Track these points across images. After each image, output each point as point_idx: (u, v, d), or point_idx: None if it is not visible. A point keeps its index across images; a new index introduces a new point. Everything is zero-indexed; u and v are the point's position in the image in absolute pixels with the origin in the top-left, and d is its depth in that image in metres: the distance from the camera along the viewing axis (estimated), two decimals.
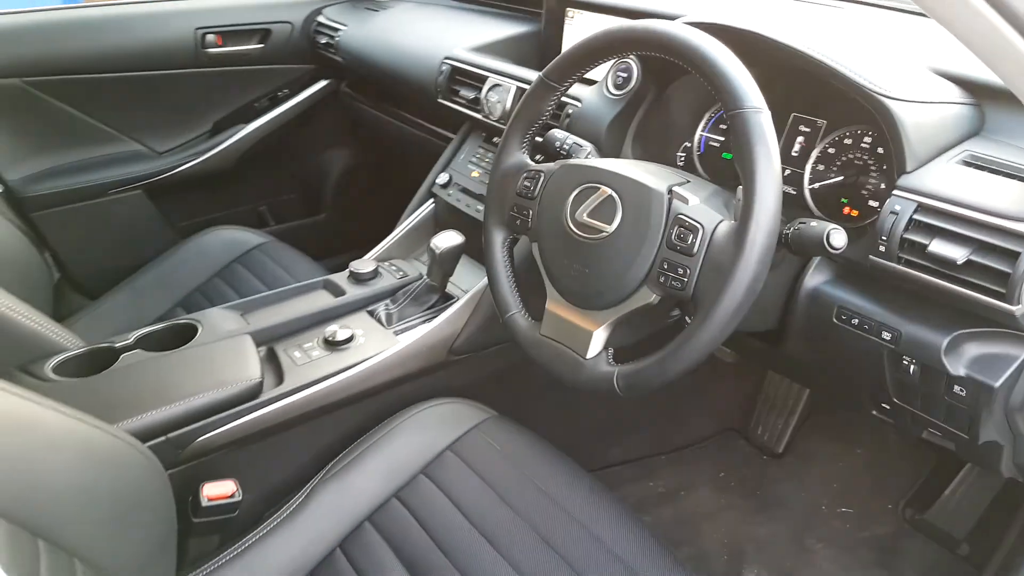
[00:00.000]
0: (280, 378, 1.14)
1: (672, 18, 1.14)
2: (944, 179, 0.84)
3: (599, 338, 0.90)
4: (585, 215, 0.90)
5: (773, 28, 0.95)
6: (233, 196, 2.14)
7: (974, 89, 0.93)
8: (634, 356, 0.90)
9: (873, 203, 1.00)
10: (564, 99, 1.28)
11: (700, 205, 0.84)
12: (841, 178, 1.02)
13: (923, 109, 0.88)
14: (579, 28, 1.47)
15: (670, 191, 0.86)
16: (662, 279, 0.83)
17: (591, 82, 1.23)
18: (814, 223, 0.83)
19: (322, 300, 1.33)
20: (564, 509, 1.00)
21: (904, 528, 1.45)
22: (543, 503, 1.01)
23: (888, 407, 1.01)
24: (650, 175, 0.89)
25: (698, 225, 0.81)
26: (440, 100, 1.52)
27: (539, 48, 1.56)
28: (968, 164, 0.86)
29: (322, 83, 2.07)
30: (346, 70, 1.97)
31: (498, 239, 1.04)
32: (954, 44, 0.91)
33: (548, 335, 0.95)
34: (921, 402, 0.92)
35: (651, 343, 0.92)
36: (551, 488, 1.03)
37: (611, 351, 0.91)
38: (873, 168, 1.00)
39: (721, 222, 0.82)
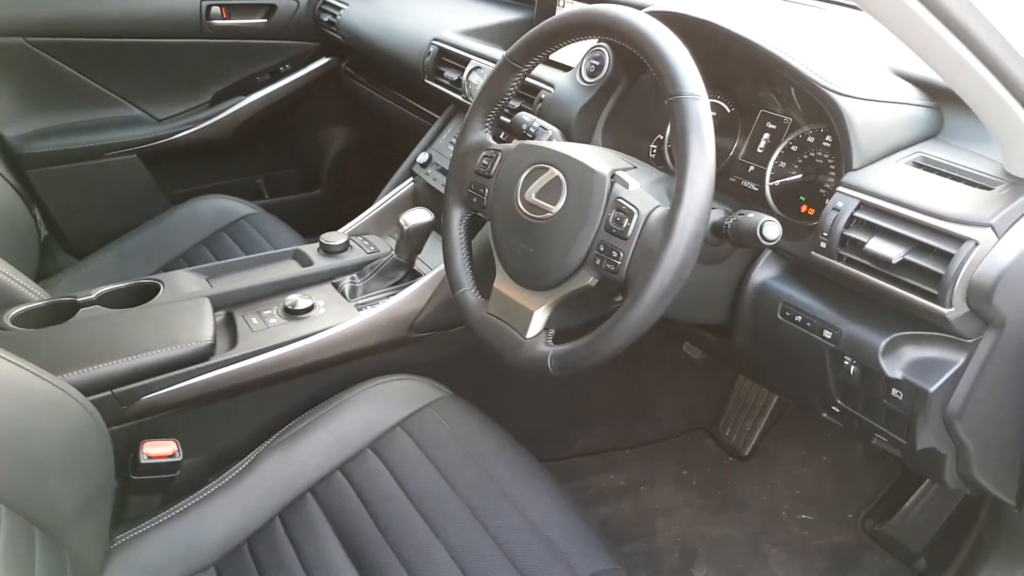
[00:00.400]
0: (234, 342, 1.15)
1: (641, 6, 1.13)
2: (889, 178, 0.83)
3: (539, 319, 0.90)
4: (533, 195, 0.90)
5: (730, 20, 0.95)
6: (230, 167, 2.16)
7: (935, 92, 0.92)
8: (573, 339, 0.90)
9: (829, 201, 0.99)
10: (538, 84, 1.28)
11: (640, 190, 0.84)
12: (800, 176, 1.01)
13: (875, 108, 0.87)
14: None
15: (613, 175, 0.86)
16: (598, 261, 0.84)
17: (567, 68, 1.23)
18: (751, 214, 0.82)
19: (289, 269, 1.34)
20: (503, 491, 1.00)
21: (863, 539, 1.43)
22: (483, 484, 1.02)
23: (837, 410, 1.00)
24: (597, 158, 0.89)
25: (634, 209, 0.81)
26: (427, 81, 1.52)
27: None
28: (918, 165, 0.85)
29: (324, 60, 2.08)
30: (347, 49, 1.99)
31: (456, 216, 1.05)
32: None
33: (493, 313, 0.96)
34: (863, 405, 0.92)
35: (593, 327, 0.93)
36: (494, 470, 1.03)
37: (551, 332, 0.91)
38: (832, 167, 0.99)
39: (656, 207, 0.82)
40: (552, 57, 1.46)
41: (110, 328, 1.12)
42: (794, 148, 1.03)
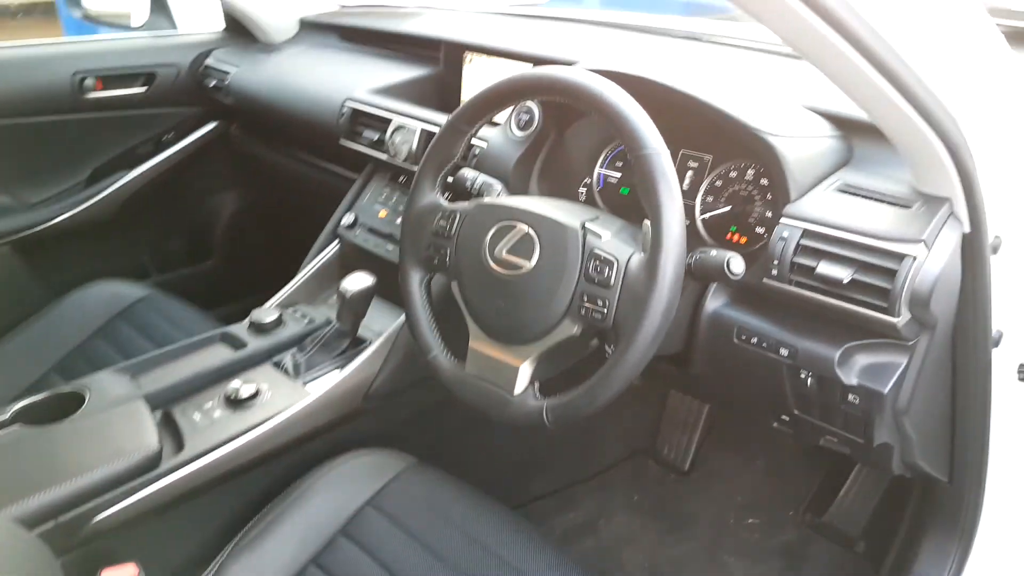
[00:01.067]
0: (180, 444, 1.07)
1: (567, 63, 1.19)
2: (824, 206, 0.91)
3: (525, 373, 0.91)
4: (504, 252, 0.92)
5: (664, 74, 1.02)
6: (113, 247, 2.01)
7: (842, 123, 1.02)
8: (559, 388, 0.92)
9: (759, 230, 1.07)
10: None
11: (612, 239, 0.88)
12: (729, 208, 1.09)
13: (801, 143, 0.95)
14: (478, 71, 1.50)
15: (583, 227, 0.89)
16: (583, 311, 0.86)
17: (495, 123, 1.26)
18: (713, 252, 0.88)
19: (221, 354, 1.27)
20: (493, 553, 0.99)
21: (806, 532, 1.54)
22: (468, 546, 1.00)
23: (787, 418, 1.07)
24: (563, 212, 0.92)
25: (613, 259, 0.85)
26: (343, 141, 1.51)
27: (438, 91, 1.58)
28: (843, 191, 0.94)
29: (210, 125, 2.00)
30: (237, 112, 1.92)
31: (415, 279, 1.04)
32: (818, 82, 1.01)
33: (473, 373, 0.96)
34: (819, 411, 0.99)
35: (572, 374, 0.95)
36: (478, 532, 1.03)
37: (537, 385, 0.93)
38: (757, 198, 1.07)
39: (633, 254, 0.86)
40: None
41: (40, 449, 1.01)
42: (718, 183, 1.11)
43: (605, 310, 0.85)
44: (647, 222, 0.89)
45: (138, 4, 2.07)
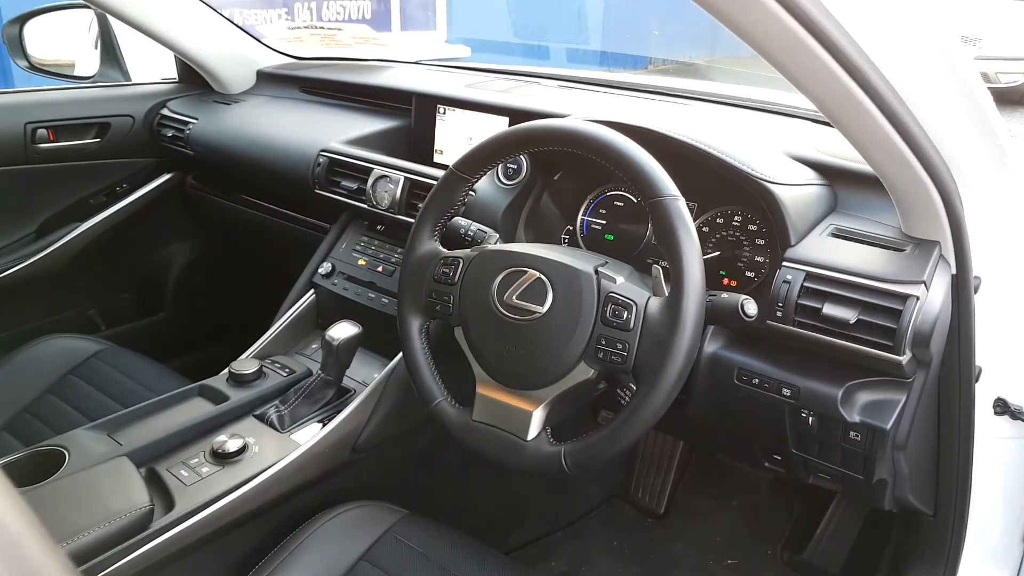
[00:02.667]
0: (170, 502, 1.02)
1: (549, 115, 1.23)
2: (823, 250, 0.96)
3: (538, 418, 0.91)
4: (515, 297, 0.92)
5: (663, 124, 1.06)
6: (61, 301, 1.92)
7: (824, 171, 1.08)
8: (570, 433, 0.92)
9: (749, 273, 1.12)
10: None
11: (626, 283, 0.90)
12: (718, 253, 1.14)
13: (795, 191, 1.01)
14: (451, 124, 1.53)
15: (596, 271, 0.91)
16: (601, 355, 0.87)
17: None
18: (725, 295, 0.91)
19: (201, 408, 1.22)
20: None
21: (786, 571, 1.56)
22: None
23: (780, 457, 1.10)
24: (573, 258, 0.94)
25: (631, 302, 0.87)
26: (318, 191, 1.49)
27: (410, 142, 1.59)
28: (836, 235, 0.99)
29: (165, 176, 1.95)
30: (193, 163, 1.88)
31: (415, 326, 1.03)
32: (786, 132, 1.07)
33: (482, 420, 0.95)
34: (818, 449, 1.02)
35: (578, 418, 0.95)
36: None
37: (549, 430, 0.92)
38: (746, 243, 1.12)
39: (650, 298, 0.88)
40: (437, 160, 1.54)
41: None
42: (705, 229, 1.15)
43: (625, 353, 0.86)
44: (656, 267, 0.92)
45: (85, 55, 2.03)
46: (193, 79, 1.96)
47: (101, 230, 1.87)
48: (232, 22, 1.90)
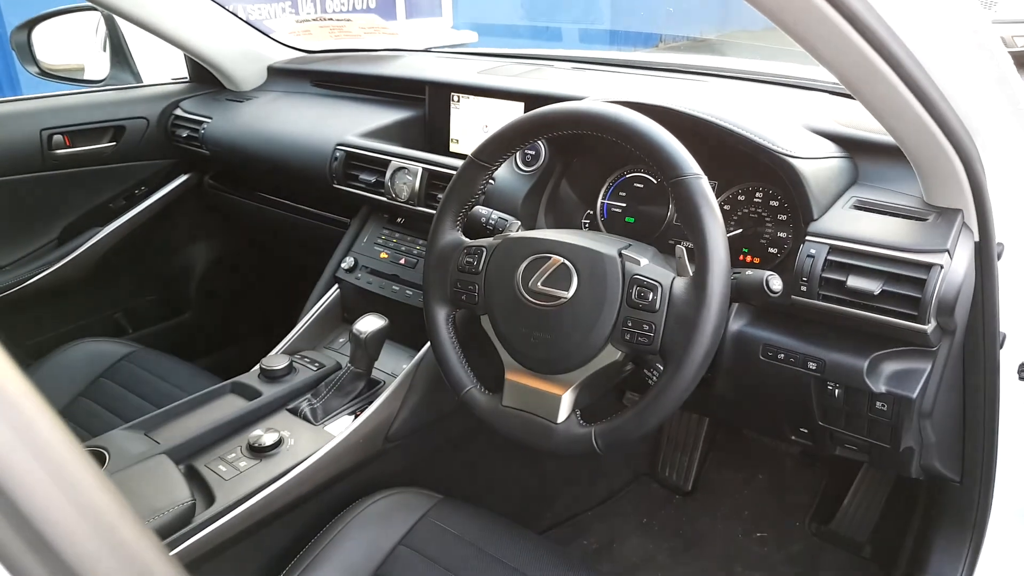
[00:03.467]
0: (210, 497, 1.05)
1: (568, 99, 1.23)
2: (845, 223, 0.96)
3: (567, 401, 0.92)
4: (540, 284, 0.94)
5: (682, 102, 1.06)
6: (87, 306, 1.95)
7: (845, 144, 1.08)
8: (599, 414, 0.93)
9: (772, 250, 1.12)
10: None
11: (650, 265, 0.91)
12: (740, 231, 1.14)
13: (817, 164, 1.01)
14: (466, 112, 1.53)
15: (620, 254, 0.91)
16: (627, 336, 0.88)
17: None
18: (749, 272, 0.91)
19: (235, 405, 1.25)
20: None
21: (814, 541, 1.57)
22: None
23: (806, 430, 1.11)
24: (596, 241, 0.95)
25: (656, 283, 0.87)
26: (336, 186, 1.50)
27: (425, 132, 1.60)
28: (858, 208, 0.99)
29: (183, 177, 1.96)
30: (210, 162, 1.90)
31: (441, 316, 1.05)
32: (805, 105, 1.06)
33: (512, 405, 0.96)
34: (845, 421, 1.03)
35: (606, 399, 0.96)
36: (514, 560, 1.03)
37: (578, 412, 0.94)
38: (768, 220, 1.12)
39: (674, 278, 0.88)
40: (453, 149, 1.55)
41: None
42: (727, 207, 1.16)
43: (652, 334, 0.87)
44: (680, 247, 0.93)
45: (94, 58, 2.05)
46: (204, 78, 1.97)
47: (122, 234, 1.89)
48: (240, 18, 1.91)
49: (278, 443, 1.14)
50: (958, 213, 0.91)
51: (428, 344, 1.23)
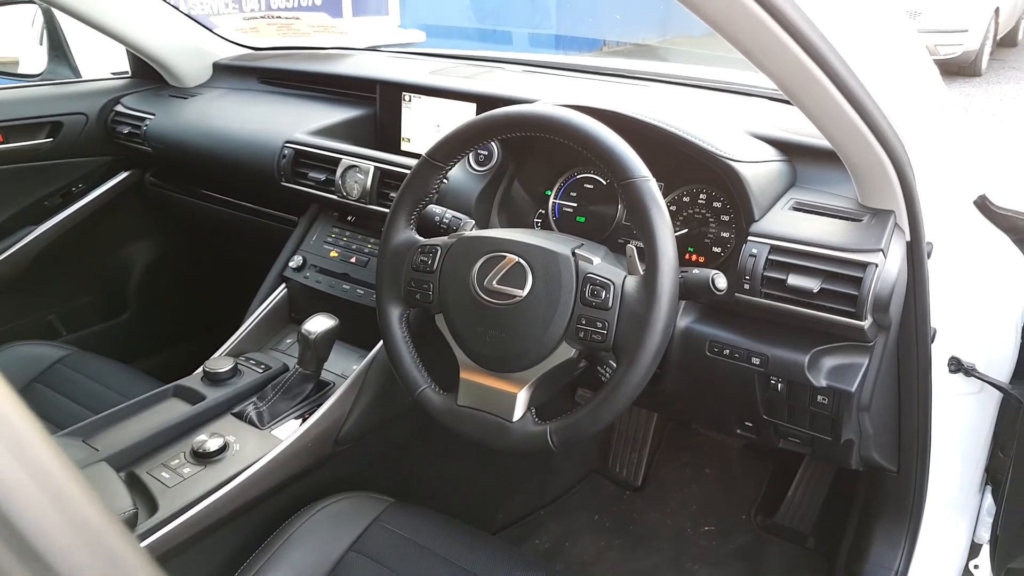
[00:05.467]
0: (154, 505, 1.02)
1: (516, 101, 1.24)
2: (785, 223, 0.99)
3: (523, 399, 0.93)
4: (495, 282, 0.94)
5: (630, 107, 1.08)
6: (17, 307, 1.87)
7: (784, 148, 1.11)
8: (554, 412, 0.94)
9: (716, 249, 1.15)
10: None
11: (603, 264, 0.92)
12: (686, 230, 1.17)
13: (757, 167, 1.04)
14: (418, 111, 1.52)
15: (574, 253, 0.93)
16: (581, 334, 0.89)
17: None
18: (696, 271, 0.93)
19: (178, 409, 1.21)
20: None
21: (760, 534, 1.62)
22: None
23: (751, 424, 1.14)
24: (550, 240, 0.96)
25: (609, 282, 0.89)
26: (284, 183, 1.48)
27: (377, 130, 1.59)
28: (797, 209, 1.02)
29: (123, 174, 1.90)
30: (152, 159, 1.85)
31: (395, 315, 1.04)
32: (744, 110, 1.09)
33: (467, 404, 0.97)
34: (788, 415, 1.06)
35: (559, 397, 0.97)
36: (466, 562, 1.03)
37: (533, 410, 0.94)
38: (712, 220, 1.15)
39: (626, 276, 0.90)
40: (404, 148, 1.54)
41: None
42: (673, 208, 1.18)
43: (605, 331, 0.88)
44: (630, 246, 0.94)
45: (29, 50, 1.97)
46: (147, 73, 1.92)
47: (58, 232, 1.83)
48: (184, 13, 1.86)
49: (223, 448, 1.12)
50: (891, 214, 0.95)
51: (380, 344, 1.22)
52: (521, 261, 0.94)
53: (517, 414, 0.93)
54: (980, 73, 7.33)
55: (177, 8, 1.82)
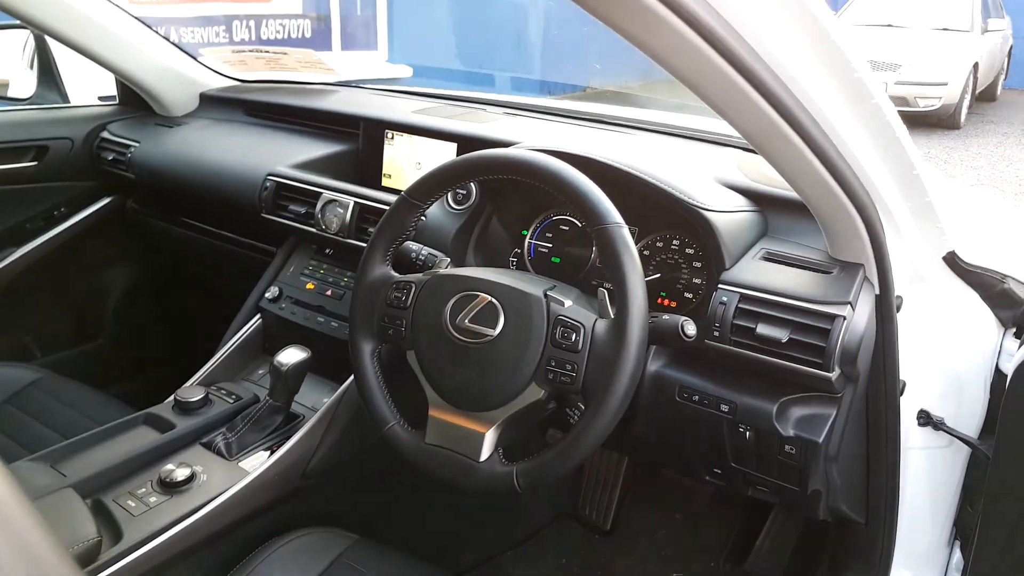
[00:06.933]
0: (118, 533, 1.01)
1: (498, 143, 1.27)
2: (756, 273, 1.02)
3: (490, 439, 0.94)
4: (467, 321, 0.95)
5: (606, 154, 1.11)
6: None
7: (756, 198, 1.14)
8: (522, 453, 0.94)
9: (688, 295, 1.17)
10: None
11: (574, 306, 0.94)
12: (659, 275, 1.19)
13: (728, 217, 1.07)
14: (400, 149, 1.55)
15: (546, 295, 0.94)
16: (551, 376, 0.90)
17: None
18: (666, 316, 0.95)
19: (147, 437, 1.21)
20: None
21: None
22: None
23: (720, 471, 1.15)
24: (523, 281, 0.97)
25: (579, 324, 0.90)
26: (265, 215, 1.49)
27: (358, 166, 1.61)
28: (768, 260, 1.05)
29: (105, 200, 1.91)
30: (134, 186, 1.85)
31: (367, 350, 1.05)
32: (716, 160, 1.12)
33: (434, 443, 0.97)
34: (756, 463, 1.07)
35: (529, 435, 0.98)
36: None
37: (501, 450, 0.95)
38: (684, 266, 1.17)
39: (596, 320, 0.92)
40: (385, 183, 1.56)
41: None
42: (646, 253, 1.20)
43: (574, 374, 0.89)
44: (602, 290, 0.96)
45: (19, 74, 1.98)
46: (134, 101, 1.93)
47: (37, 255, 1.83)
48: (173, 43, 1.89)
49: (190, 478, 1.11)
50: (860, 268, 0.97)
51: (351, 378, 1.23)
52: (493, 300, 0.95)
53: (484, 454, 0.94)
54: (959, 126, 7.48)
55: (166, 38, 1.85)
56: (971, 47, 7.64)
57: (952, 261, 1.10)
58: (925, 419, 1.14)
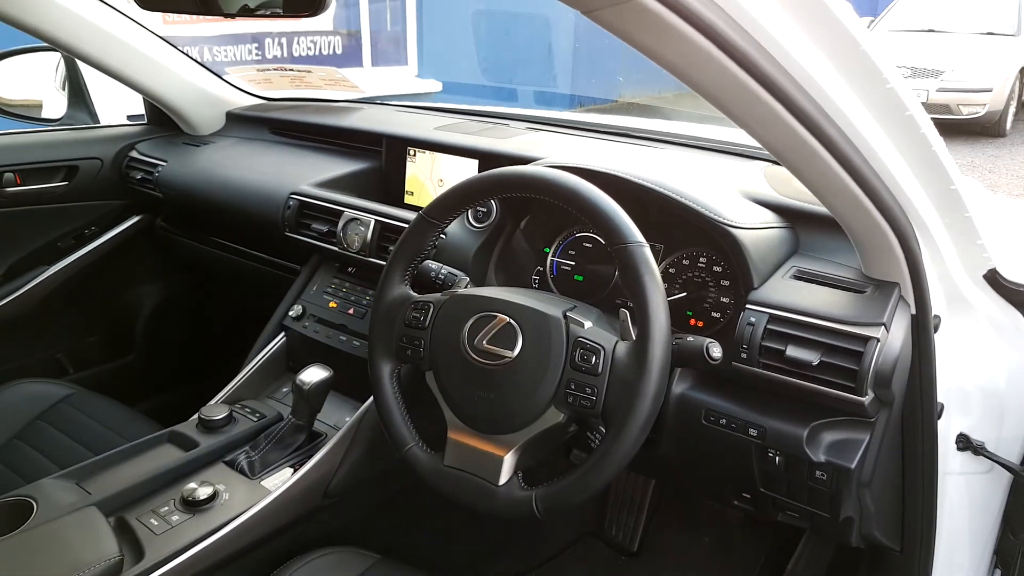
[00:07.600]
0: (140, 552, 1.02)
1: (523, 159, 1.25)
2: (785, 292, 0.99)
3: (509, 462, 0.92)
4: (485, 342, 0.94)
5: (629, 170, 1.09)
6: (27, 345, 1.89)
7: (786, 214, 1.11)
8: (541, 477, 0.93)
9: (715, 314, 1.14)
10: None
11: (594, 328, 0.92)
12: (685, 294, 1.16)
13: (757, 234, 1.04)
14: (422, 166, 1.55)
15: (565, 316, 0.92)
16: (570, 399, 0.88)
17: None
18: (691, 338, 0.93)
19: (171, 455, 1.21)
20: None
21: None
22: None
23: (749, 496, 1.11)
24: (542, 302, 0.96)
25: (599, 347, 0.88)
26: (288, 234, 1.50)
27: (381, 183, 1.61)
28: (798, 278, 1.02)
29: (134, 219, 1.94)
30: (163, 205, 1.88)
31: (386, 370, 1.04)
32: (743, 174, 1.09)
33: (453, 465, 0.96)
34: (785, 489, 1.04)
35: (549, 461, 0.96)
36: None
37: (520, 474, 0.93)
38: (711, 284, 1.14)
39: (617, 342, 0.90)
40: (408, 201, 1.56)
41: None
42: (672, 271, 1.18)
43: (594, 397, 0.87)
44: (624, 311, 0.94)
45: (52, 97, 2.03)
46: (162, 121, 1.97)
47: (69, 273, 1.86)
48: (200, 63, 1.92)
49: (212, 497, 1.11)
50: (895, 286, 0.94)
51: (372, 397, 1.22)
52: (512, 322, 0.94)
53: (503, 478, 0.92)
54: (1005, 134, 7.19)
55: (193, 58, 1.88)
56: (1017, 51, 7.34)
57: (993, 279, 1.05)
58: (964, 443, 1.09)
